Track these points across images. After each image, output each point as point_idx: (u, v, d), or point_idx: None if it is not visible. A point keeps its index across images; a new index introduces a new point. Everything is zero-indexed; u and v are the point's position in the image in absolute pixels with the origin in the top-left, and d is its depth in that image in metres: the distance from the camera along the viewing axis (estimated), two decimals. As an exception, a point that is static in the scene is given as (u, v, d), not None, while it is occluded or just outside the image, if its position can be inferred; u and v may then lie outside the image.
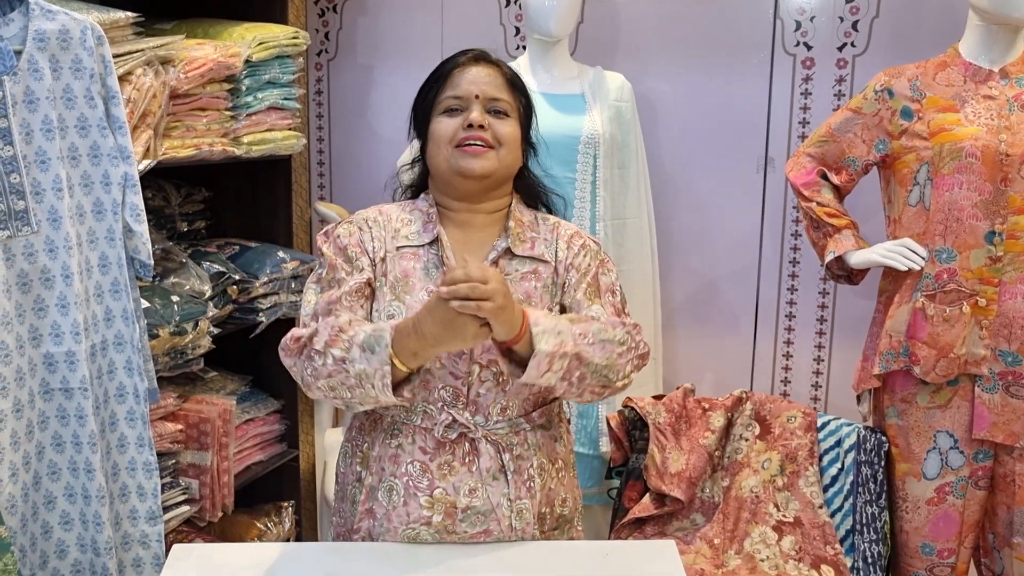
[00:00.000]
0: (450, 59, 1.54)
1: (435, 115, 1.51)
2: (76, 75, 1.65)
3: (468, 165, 1.47)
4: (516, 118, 1.52)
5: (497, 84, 1.51)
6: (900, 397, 2.08)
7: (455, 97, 1.49)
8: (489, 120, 1.48)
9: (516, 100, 1.53)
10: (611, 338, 1.42)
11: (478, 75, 1.50)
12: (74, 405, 1.70)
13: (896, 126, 2.06)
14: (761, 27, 2.55)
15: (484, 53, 1.54)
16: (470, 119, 1.46)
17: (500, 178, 1.51)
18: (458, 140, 1.47)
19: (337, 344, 1.37)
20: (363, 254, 1.51)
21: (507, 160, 1.50)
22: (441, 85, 1.51)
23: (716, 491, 2.24)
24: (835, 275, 2.19)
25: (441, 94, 1.50)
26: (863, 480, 2.11)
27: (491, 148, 1.47)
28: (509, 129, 1.49)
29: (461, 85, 1.49)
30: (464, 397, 1.46)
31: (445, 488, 1.45)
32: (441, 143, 1.49)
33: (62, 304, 1.66)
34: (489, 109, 1.49)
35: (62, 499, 1.74)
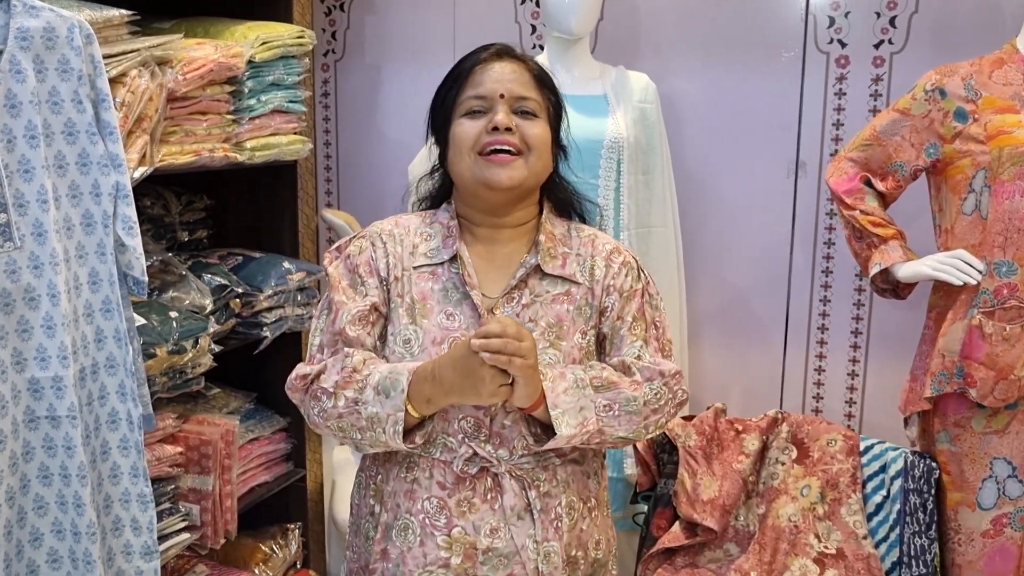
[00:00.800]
0: (470, 55, 1.41)
1: (455, 118, 1.38)
2: (63, 77, 1.53)
3: (494, 176, 1.35)
4: (545, 119, 1.39)
5: (524, 81, 1.38)
6: (953, 421, 1.97)
7: (477, 97, 1.36)
8: (516, 122, 1.35)
9: (545, 99, 1.40)
10: (639, 407, 1.35)
11: (502, 72, 1.37)
12: (62, 434, 1.58)
13: (949, 129, 1.93)
14: (792, 23, 2.44)
15: (508, 48, 1.42)
16: (495, 121, 1.34)
17: (529, 188, 1.39)
18: (482, 146, 1.35)
19: (350, 386, 1.30)
20: (372, 274, 1.41)
21: (537, 167, 1.37)
22: (461, 84, 1.38)
23: (751, 519, 2.13)
24: (880, 289, 2.07)
25: (462, 94, 1.38)
26: (911, 509, 2.00)
27: (519, 154, 1.35)
28: (538, 131, 1.37)
29: (484, 83, 1.36)
30: (487, 428, 1.35)
31: (464, 527, 1.35)
32: (463, 149, 1.36)
33: (48, 325, 1.54)
34: (516, 109, 1.36)
35: (50, 536, 1.62)
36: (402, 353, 1.36)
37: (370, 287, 1.40)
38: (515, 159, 1.35)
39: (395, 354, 1.37)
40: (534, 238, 1.43)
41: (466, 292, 1.37)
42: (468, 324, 1.35)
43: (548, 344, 1.35)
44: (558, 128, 1.44)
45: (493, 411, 1.34)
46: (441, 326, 1.36)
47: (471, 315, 1.36)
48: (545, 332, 1.36)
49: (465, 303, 1.36)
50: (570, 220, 1.50)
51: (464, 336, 1.33)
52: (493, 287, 1.40)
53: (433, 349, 1.34)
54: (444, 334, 1.35)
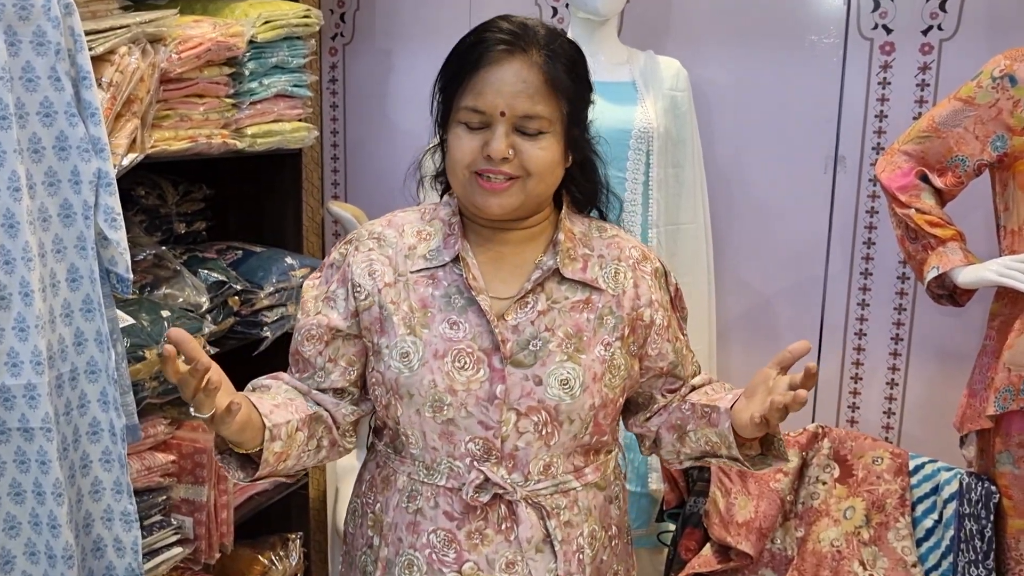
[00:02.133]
0: (477, 43, 1.22)
1: (453, 121, 1.23)
2: (39, 51, 1.40)
3: (484, 202, 1.22)
4: (556, 130, 1.22)
5: (531, 92, 1.19)
6: (1017, 441, 1.83)
7: (476, 111, 1.20)
8: (516, 144, 1.20)
9: (557, 108, 1.21)
10: None
11: (507, 80, 1.19)
12: (35, 448, 1.45)
13: (1019, 119, 1.80)
14: (833, 7, 2.34)
15: (520, 35, 1.21)
16: (490, 150, 1.19)
17: (530, 207, 1.26)
18: (477, 168, 1.21)
19: None
20: (343, 284, 1.30)
21: (537, 190, 1.23)
22: (462, 84, 1.21)
23: (789, 543, 2.01)
24: (936, 295, 1.94)
25: (460, 99, 1.21)
26: (967, 536, 1.87)
27: (516, 178, 1.21)
28: (539, 153, 1.20)
29: (484, 94, 1.19)
30: (498, 451, 1.23)
31: (477, 562, 1.25)
32: (457, 166, 1.23)
33: (20, 328, 1.41)
34: (518, 127, 1.20)
35: (22, 559, 1.50)
36: (399, 368, 1.23)
37: (338, 300, 1.30)
38: (510, 185, 1.21)
39: (391, 369, 1.24)
40: (551, 237, 1.30)
41: (471, 297, 1.24)
42: (475, 333, 1.23)
43: (567, 357, 1.23)
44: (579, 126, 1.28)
45: (504, 432, 1.22)
46: (444, 336, 1.23)
47: (478, 323, 1.24)
48: (563, 343, 1.23)
49: (471, 309, 1.24)
50: (590, 216, 1.37)
51: (469, 347, 1.22)
52: (503, 291, 1.27)
53: (435, 363, 1.22)
54: (447, 345, 1.23)
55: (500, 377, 1.22)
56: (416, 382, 1.23)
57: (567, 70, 1.23)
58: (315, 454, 1.30)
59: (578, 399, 1.23)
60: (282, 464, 1.23)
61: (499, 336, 1.23)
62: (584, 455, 1.29)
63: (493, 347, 1.22)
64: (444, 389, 1.22)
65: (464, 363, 1.22)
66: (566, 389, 1.22)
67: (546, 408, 1.23)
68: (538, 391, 1.22)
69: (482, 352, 1.23)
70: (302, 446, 1.25)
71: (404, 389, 1.24)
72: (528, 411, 1.22)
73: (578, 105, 1.26)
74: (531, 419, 1.23)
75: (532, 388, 1.22)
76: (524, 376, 1.22)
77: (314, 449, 1.29)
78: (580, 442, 1.27)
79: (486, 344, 1.23)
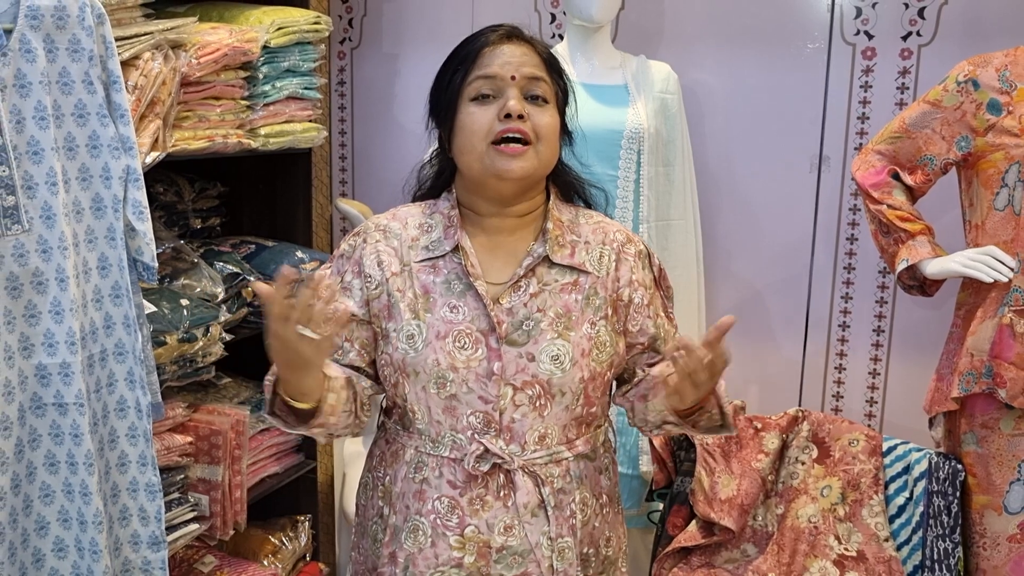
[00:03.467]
0: (476, 36, 1.34)
1: (463, 103, 1.32)
2: (73, 57, 1.50)
3: (506, 166, 1.29)
4: (555, 104, 1.34)
5: (535, 63, 1.32)
6: (980, 422, 1.91)
7: (486, 77, 1.30)
8: (528, 109, 1.30)
9: (554, 83, 1.34)
10: None
11: (512, 54, 1.31)
12: (69, 422, 1.55)
13: (982, 121, 1.87)
14: (817, 13, 2.39)
15: (516, 29, 1.35)
16: (507, 108, 1.28)
17: (538, 177, 1.35)
18: (495, 135, 1.29)
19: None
20: (358, 275, 1.38)
21: (546, 156, 1.32)
22: (469, 66, 1.32)
23: (770, 519, 2.08)
24: (906, 285, 2.01)
25: (469, 75, 1.31)
26: (935, 512, 1.94)
27: (529, 144, 1.29)
28: (548, 119, 1.32)
29: (493, 65, 1.30)
30: (496, 424, 1.32)
31: (477, 525, 1.32)
32: (475, 139, 1.30)
33: (56, 311, 1.51)
34: (526, 95, 1.31)
35: (56, 524, 1.59)
36: (406, 349, 1.33)
37: (354, 289, 1.38)
38: (526, 149, 1.29)
39: (398, 351, 1.33)
40: (541, 226, 1.38)
41: (469, 283, 1.33)
42: (473, 316, 1.32)
43: (556, 335, 1.32)
44: (564, 114, 1.39)
45: (503, 405, 1.31)
46: (445, 319, 1.32)
47: (475, 306, 1.32)
48: (553, 322, 1.32)
49: (469, 294, 1.33)
50: (576, 206, 1.45)
51: (468, 328, 1.31)
52: (498, 276, 1.36)
53: (437, 343, 1.31)
54: (448, 327, 1.32)
55: (497, 355, 1.30)
56: (421, 361, 1.31)
57: (555, 62, 1.36)
58: (347, 417, 1.34)
59: (568, 373, 1.31)
60: (330, 417, 1.29)
61: (495, 318, 1.31)
62: (576, 427, 1.37)
63: (490, 328, 1.31)
64: (446, 367, 1.30)
65: (464, 343, 1.31)
66: (557, 364, 1.31)
67: (539, 382, 1.31)
68: (531, 367, 1.30)
69: (480, 333, 1.31)
70: (345, 403, 1.32)
71: (411, 368, 1.32)
72: (523, 385, 1.30)
73: (566, 91, 1.38)
74: (526, 393, 1.31)
75: (526, 364, 1.30)
76: (518, 354, 1.31)
77: (349, 411, 1.34)
78: (572, 414, 1.34)
79: (483, 325, 1.31)
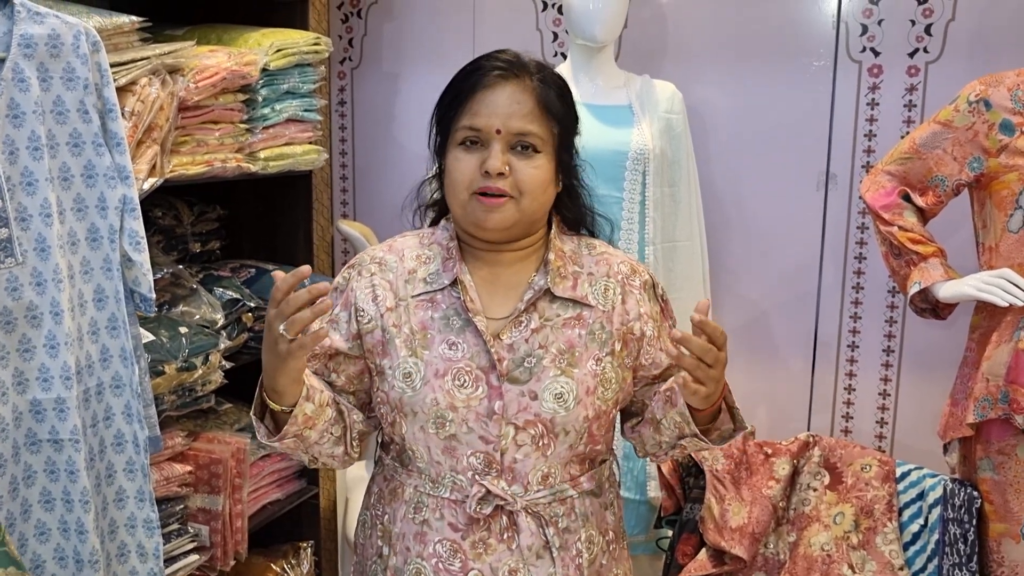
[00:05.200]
0: (472, 70, 1.30)
1: (451, 145, 1.30)
2: (68, 86, 1.48)
3: (483, 219, 1.27)
4: (548, 150, 1.29)
5: (525, 112, 1.26)
6: (997, 448, 1.87)
7: (472, 128, 1.27)
8: (511, 162, 1.26)
9: (549, 129, 1.29)
10: None
11: (501, 101, 1.26)
12: (64, 458, 1.52)
13: (994, 142, 1.85)
14: (823, 31, 2.38)
15: (515, 64, 1.29)
16: (487, 166, 1.25)
17: (524, 225, 1.31)
18: (476, 188, 1.26)
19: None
20: (346, 308, 1.35)
21: (530, 209, 1.28)
22: (459, 108, 1.28)
23: (781, 547, 2.05)
24: (918, 308, 1.98)
25: (458, 121, 1.28)
26: (951, 540, 1.91)
27: (511, 197, 1.26)
28: (532, 172, 1.27)
29: (480, 114, 1.26)
30: (498, 464, 1.28)
31: (481, 570, 1.29)
32: (458, 188, 1.28)
33: (51, 345, 1.49)
34: (514, 145, 1.27)
35: (51, 563, 1.57)
36: (403, 388, 1.29)
37: (340, 323, 1.35)
38: (506, 202, 1.26)
39: (395, 389, 1.30)
40: (543, 256, 1.35)
41: (468, 319, 1.29)
42: (472, 353, 1.28)
43: (560, 372, 1.28)
44: (568, 151, 1.35)
45: (504, 445, 1.27)
46: (444, 357, 1.28)
47: (475, 343, 1.28)
48: (556, 359, 1.29)
49: (468, 330, 1.29)
50: (580, 234, 1.42)
51: (467, 366, 1.28)
52: (498, 311, 1.32)
53: (436, 382, 1.27)
54: (447, 365, 1.28)
55: (498, 394, 1.26)
56: (419, 400, 1.28)
57: (558, 96, 1.30)
58: (332, 441, 1.32)
59: (572, 411, 1.27)
60: (307, 430, 1.26)
61: (495, 355, 1.27)
62: (580, 464, 1.34)
63: (490, 365, 1.27)
64: (445, 406, 1.26)
65: (463, 381, 1.27)
66: (560, 402, 1.27)
67: (542, 421, 1.27)
68: (534, 405, 1.26)
69: (480, 370, 1.27)
70: (327, 422, 1.29)
71: (408, 407, 1.29)
72: (525, 424, 1.26)
73: (568, 130, 1.33)
74: (528, 432, 1.27)
75: (528, 403, 1.26)
76: (520, 392, 1.27)
77: (333, 437, 1.31)
78: (575, 452, 1.31)
79: (483, 363, 1.27)
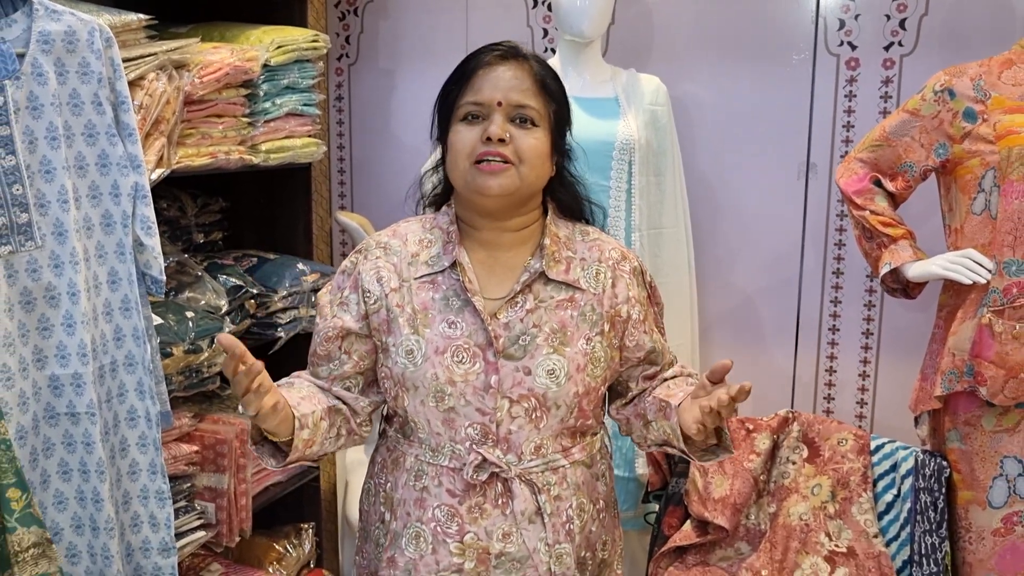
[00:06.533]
0: (475, 55, 1.39)
1: (454, 122, 1.37)
2: (83, 79, 1.56)
3: (484, 184, 1.33)
4: (545, 127, 1.37)
5: (524, 88, 1.34)
6: (963, 420, 1.95)
7: (475, 103, 1.34)
8: (511, 131, 1.33)
9: (546, 105, 1.37)
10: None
11: (502, 77, 1.34)
12: (81, 431, 1.60)
13: (958, 129, 1.93)
14: (802, 26, 2.44)
15: (514, 49, 1.38)
16: (488, 132, 1.32)
17: (523, 195, 1.38)
18: (476, 155, 1.33)
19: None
20: (355, 289, 1.42)
21: (529, 177, 1.35)
22: (462, 87, 1.37)
23: (762, 518, 2.12)
24: (890, 288, 2.06)
25: (461, 98, 1.36)
26: (922, 508, 1.98)
27: (511, 164, 1.33)
28: (532, 142, 1.34)
29: (483, 89, 1.34)
30: (494, 435, 1.36)
31: (476, 533, 1.36)
32: (459, 157, 1.35)
33: (68, 323, 1.56)
34: (513, 117, 1.34)
35: (69, 531, 1.64)
36: (405, 364, 1.36)
37: (351, 304, 1.42)
38: (506, 168, 1.32)
39: (398, 365, 1.37)
40: (538, 241, 1.42)
41: (467, 299, 1.36)
42: (471, 331, 1.35)
43: (552, 350, 1.35)
44: (561, 133, 1.42)
45: (499, 417, 1.34)
46: (443, 335, 1.35)
47: (473, 321, 1.35)
48: (549, 338, 1.36)
49: (467, 310, 1.36)
50: (575, 222, 1.49)
51: (466, 343, 1.34)
52: (496, 292, 1.39)
53: (436, 359, 1.34)
54: (447, 343, 1.35)
55: (494, 369, 1.33)
56: (420, 376, 1.35)
57: (553, 79, 1.39)
58: (335, 441, 1.41)
59: (563, 387, 1.34)
60: (309, 450, 1.35)
61: (492, 333, 1.34)
62: (571, 437, 1.41)
63: (487, 343, 1.34)
64: (445, 381, 1.34)
65: (462, 358, 1.34)
66: (552, 378, 1.34)
67: (535, 395, 1.34)
68: (528, 380, 1.34)
69: (477, 347, 1.34)
70: (325, 433, 1.37)
71: (410, 382, 1.36)
72: (519, 398, 1.34)
73: (563, 112, 1.40)
74: (522, 405, 1.34)
75: (522, 378, 1.33)
76: (515, 368, 1.34)
77: (334, 437, 1.41)
78: (566, 425, 1.38)
79: (481, 340, 1.34)
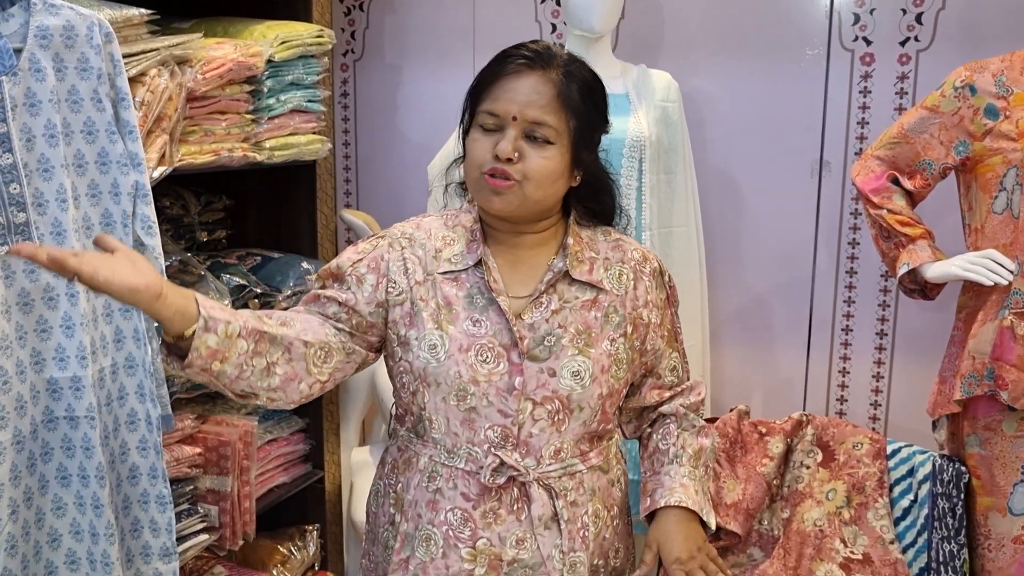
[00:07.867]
0: (501, 58, 1.35)
1: (474, 126, 1.35)
2: (82, 75, 1.53)
3: (487, 200, 1.33)
4: (563, 143, 1.32)
5: (543, 103, 1.30)
6: (983, 424, 1.91)
7: (491, 114, 1.32)
8: (523, 148, 1.30)
9: (565, 121, 1.31)
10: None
11: (521, 90, 1.30)
12: (80, 435, 1.57)
13: (979, 126, 1.88)
14: (816, 20, 2.41)
15: (543, 54, 1.33)
16: (497, 149, 1.29)
17: (529, 212, 1.35)
18: (486, 168, 1.31)
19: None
20: (374, 271, 1.37)
21: (535, 196, 1.32)
22: (484, 92, 1.34)
23: (775, 523, 2.09)
24: (908, 289, 2.02)
25: (481, 104, 1.34)
26: (940, 514, 1.95)
27: (516, 182, 1.30)
28: (542, 161, 1.30)
29: (500, 100, 1.31)
30: (514, 438, 1.33)
31: (489, 538, 1.34)
32: (471, 166, 1.34)
33: (67, 325, 1.54)
34: (527, 134, 1.31)
35: (68, 537, 1.61)
36: (427, 359, 1.34)
37: (366, 284, 1.36)
38: (511, 186, 1.30)
39: (420, 359, 1.34)
40: (562, 241, 1.40)
41: (492, 298, 1.35)
42: (495, 330, 1.34)
43: (577, 351, 1.34)
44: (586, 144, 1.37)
45: (521, 419, 1.33)
46: (468, 333, 1.34)
47: (498, 321, 1.34)
48: (574, 339, 1.34)
49: (491, 308, 1.35)
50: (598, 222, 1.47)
51: (490, 342, 1.32)
52: (520, 291, 1.38)
53: (460, 356, 1.33)
54: (471, 341, 1.33)
55: (518, 370, 1.32)
56: (443, 372, 1.32)
57: (580, 91, 1.33)
58: (263, 376, 1.26)
59: (588, 389, 1.34)
60: (217, 364, 1.20)
61: (517, 333, 1.33)
62: (589, 441, 1.39)
63: (512, 343, 1.33)
64: (468, 380, 1.32)
65: (486, 357, 1.32)
66: (577, 380, 1.33)
67: (559, 397, 1.33)
68: (552, 382, 1.32)
69: (502, 347, 1.33)
70: (244, 356, 1.22)
71: (432, 378, 1.34)
72: (543, 400, 1.32)
73: (588, 126, 1.35)
74: (545, 408, 1.33)
75: (547, 379, 1.32)
76: (540, 369, 1.32)
77: (261, 369, 1.25)
78: (588, 429, 1.37)
79: (506, 340, 1.33)
